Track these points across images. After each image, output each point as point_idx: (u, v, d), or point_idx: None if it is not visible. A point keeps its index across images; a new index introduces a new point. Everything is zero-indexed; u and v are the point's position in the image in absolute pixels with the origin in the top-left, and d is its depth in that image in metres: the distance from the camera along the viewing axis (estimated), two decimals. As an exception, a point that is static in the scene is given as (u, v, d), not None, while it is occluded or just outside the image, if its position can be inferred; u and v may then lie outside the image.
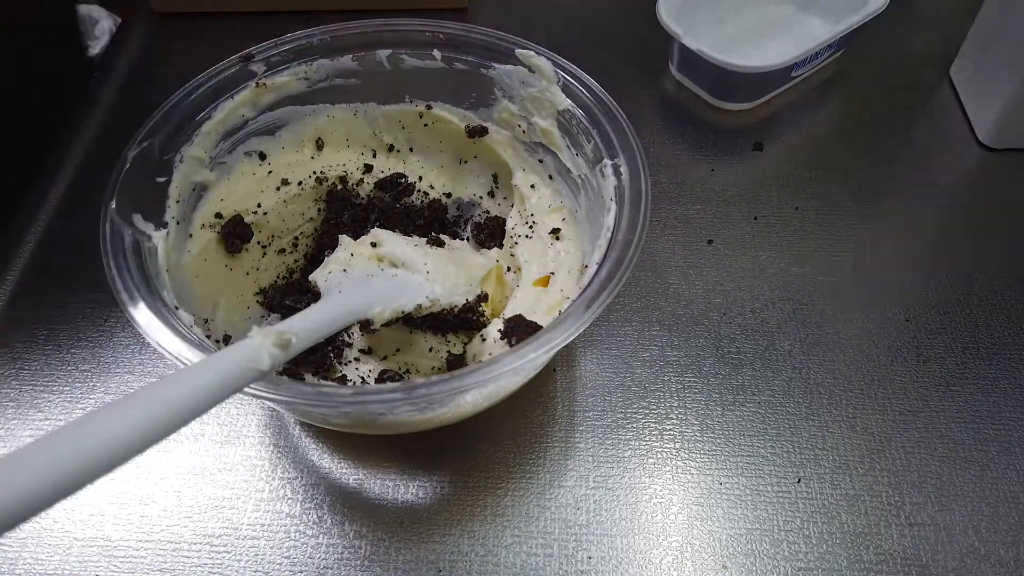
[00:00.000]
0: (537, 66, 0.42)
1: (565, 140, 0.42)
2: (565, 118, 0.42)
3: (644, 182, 0.37)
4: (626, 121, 0.40)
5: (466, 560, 0.38)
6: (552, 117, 0.42)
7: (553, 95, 0.42)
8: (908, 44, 0.62)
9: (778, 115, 0.58)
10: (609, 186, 0.38)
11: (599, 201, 0.40)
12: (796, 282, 0.48)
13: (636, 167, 0.38)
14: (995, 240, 0.50)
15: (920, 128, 0.57)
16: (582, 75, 0.41)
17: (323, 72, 0.43)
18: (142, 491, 0.40)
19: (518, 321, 0.38)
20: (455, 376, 0.30)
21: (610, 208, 0.38)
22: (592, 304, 0.32)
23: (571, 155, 0.42)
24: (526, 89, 0.43)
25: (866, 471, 0.40)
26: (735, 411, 0.43)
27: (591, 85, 0.41)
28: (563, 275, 0.41)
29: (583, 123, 0.41)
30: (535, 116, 0.43)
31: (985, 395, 0.43)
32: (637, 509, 0.39)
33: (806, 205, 0.52)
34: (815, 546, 0.38)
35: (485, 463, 0.41)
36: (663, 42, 0.61)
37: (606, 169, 0.39)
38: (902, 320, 0.46)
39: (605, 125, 0.40)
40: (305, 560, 0.38)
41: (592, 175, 0.41)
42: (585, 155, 0.41)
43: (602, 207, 0.39)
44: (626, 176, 0.38)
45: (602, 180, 0.39)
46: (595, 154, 0.40)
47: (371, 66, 0.44)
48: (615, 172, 0.38)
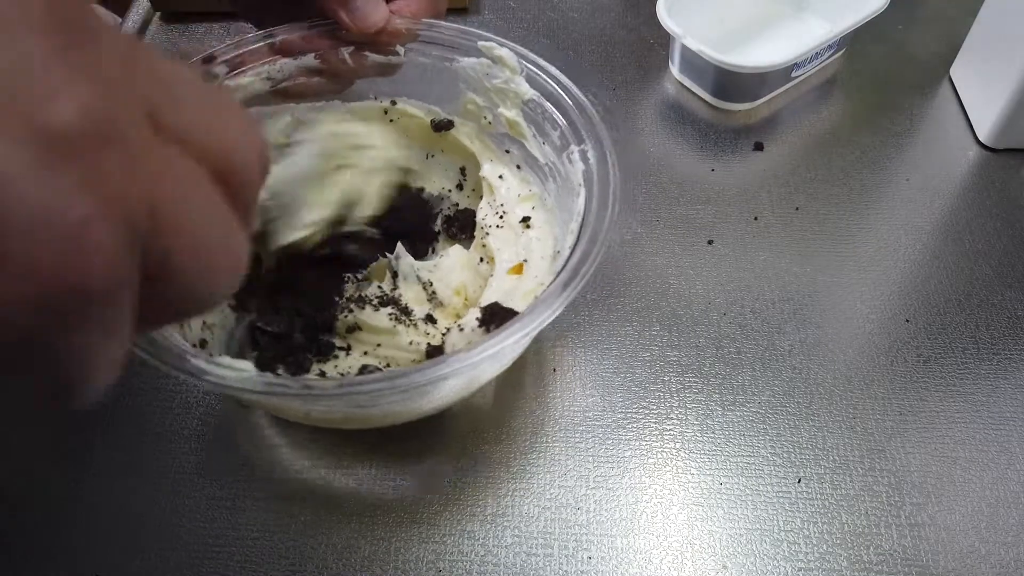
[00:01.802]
0: (500, 57, 0.41)
1: (531, 129, 0.42)
2: (530, 107, 0.42)
3: (611, 165, 0.37)
4: (591, 108, 0.40)
5: (466, 560, 0.38)
6: (517, 107, 0.42)
7: (518, 85, 0.41)
8: (908, 44, 0.62)
9: (778, 115, 0.58)
10: (577, 171, 0.39)
11: (568, 187, 0.40)
12: (796, 282, 0.48)
13: (602, 151, 0.38)
14: (995, 240, 0.50)
15: (920, 128, 0.57)
16: (546, 64, 0.41)
17: (286, 71, 0.42)
18: (141, 492, 0.40)
19: (495, 309, 0.38)
20: (436, 363, 0.30)
21: (579, 193, 0.38)
22: (567, 287, 0.33)
23: (538, 144, 0.43)
24: (490, 80, 0.42)
25: (866, 471, 0.40)
26: (735, 411, 0.43)
27: (555, 74, 0.41)
28: (536, 262, 0.41)
29: (548, 112, 0.41)
30: (500, 107, 0.43)
31: (985, 395, 0.43)
32: (637, 509, 0.39)
33: (806, 205, 0.52)
34: (815, 546, 0.38)
35: (485, 463, 0.41)
36: (663, 42, 0.61)
37: (573, 155, 0.39)
38: (902, 320, 0.46)
39: (571, 112, 0.40)
40: (304, 560, 0.38)
41: (560, 162, 0.41)
42: (552, 143, 0.41)
43: (571, 193, 0.39)
44: (593, 161, 0.38)
45: (570, 166, 0.40)
46: (562, 141, 0.40)
47: (334, 63, 0.43)
48: (582, 158, 0.39)
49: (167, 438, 0.42)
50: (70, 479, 0.41)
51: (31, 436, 0.43)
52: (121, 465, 0.41)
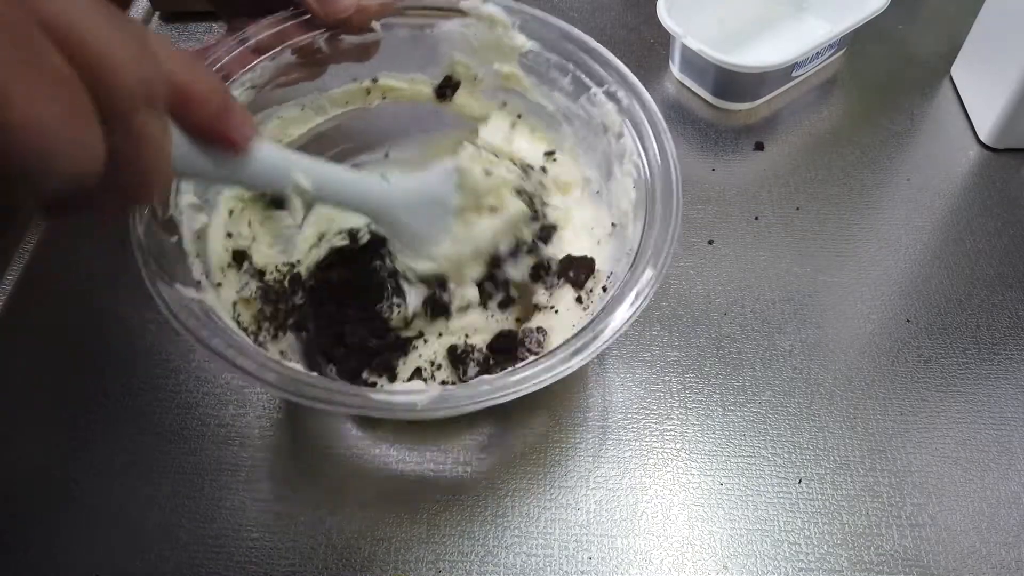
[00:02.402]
0: (488, 15, 0.41)
1: (533, 79, 0.42)
2: (529, 59, 0.41)
3: (648, 101, 0.38)
4: (600, 47, 0.40)
5: (466, 560, 0.38)
6: (514, 60, 0.42)
7: (511, 39, 0.41)
8: (909, 44, 0.62)
9: (779, 115, 0.58)
10: (609, 112, 0.39)
11: (592, 128, 0.40)
12: (797, 282, 0.48)
13: (633, 87, 0.38)
14: (996, 240, 0.50)
15: (921, 128, 0.56)
16: (535, 12, 0.41)
17: (266, 74, 0.40)
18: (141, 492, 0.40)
19: (571, 261, 0.39)
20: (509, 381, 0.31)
21: (622, 132, 0.38)
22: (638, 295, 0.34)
23: (543, 92, 0.42)
24: (479, 39, 0.42)
25: (867, 471, 0.40)
26: (736, 411, 0.43)
27: (548, 21, 0.40)
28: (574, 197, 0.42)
29: (553, 60, 0.40)
30: (495, 63, 0.42)
31: (986, 395, 0.43)
32: (638, 509, 0.39)
33: (807, 205, 0.52)
34: (816, 547, 0.38)
35: (485, 463, 0.41)
36: (664, 42, 0.61)
37: (596, 97, 0.39)
38: (903, 320, 0.46)
39: (582, 55, 0.40)
40: (304, 561, 0.38)
41: (576, 106, 0.41)
42: (563, 89, 0.41)
43: (600, 133, 0.39)
44: (625, 99, 0.38)
45: (593, 109, 0.39)
46: (576, 86, 0.40)
47: (310, 53, 0.40)
48: (610, 97, 0.39)
49: (167, 438, 0.42)
50: (70, 479, 0.41)
51: (31, 436, 0.43)
52: (121, 465, 0.41)
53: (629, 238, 0.37)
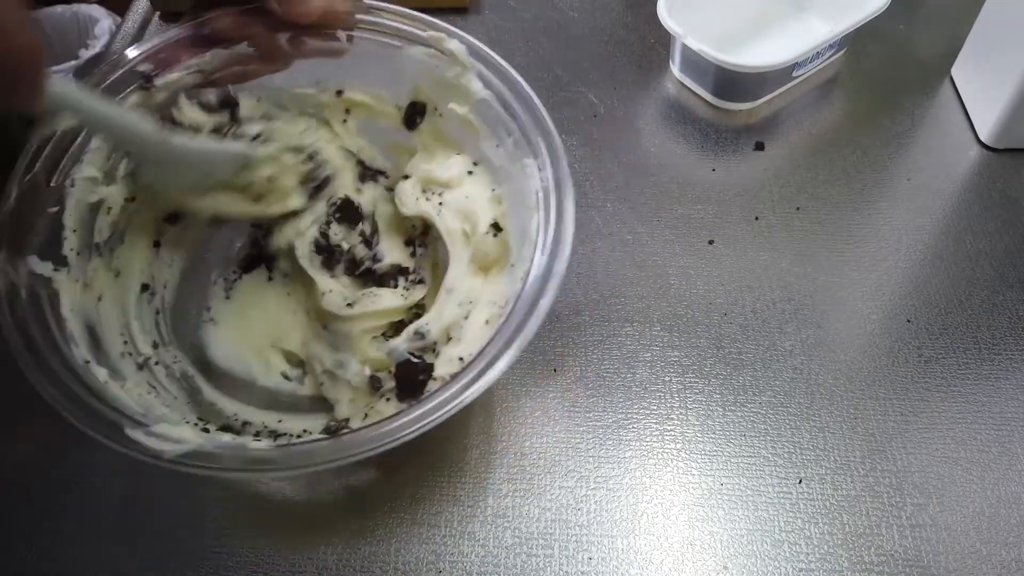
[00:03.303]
0: (450, 51, 0.39)
1: (485, 130, 0.40)
2: (483, 108, 0.39)
3: (565, 189, 0.35)
4: (547, 119, 0.37)
5: (466, 561, 0.38)
6: (470, 106, 0.40)
7: (469, 83, 0.39)
8: (909, 44, 0.62)
9: (779, 115, 0.58)
10: (531, 189, 0.36)
11: (521, 198, 0.38)
12: (797, 282, 0.48)
13: (560, 172, 0.35)
14: (996, 240, 0.50)
15: (921, 128, 0.56)
16: (499, 63, 0.39)
17: (216, 61, 0.39)
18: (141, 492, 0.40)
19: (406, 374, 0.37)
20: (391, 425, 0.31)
21: (532, 215, 0.36)
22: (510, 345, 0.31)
23: (492, 145, 0.40)
24: (441, 73, 0.40)
25: (867, 472, 0.40)
26: (736, 412, 0.43)
27: (508, 74, 0.38)
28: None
29: (502, 117, 0.38)
30: (452, 103, 0.41)
31: (987, 396, 0.43)
32: (638, 510, 0.39)
33: (807, 205, 0.52)
34: (816, 547, 0.38)
35: (485, 464, 0.41)
36: (664, 42, 0.61)
37: (529, 168, 0.37)
38: (903, 320, 0.46)
39: (523, 119, 0.37)
40: (304, 561, 0.38)
41: (513, 168, 0.38)
42: (507, 148, 0.39)
43: (525, 206, 0.37)
44: (550, 179, 0.35)
45: (524, 178, 0.37)
46: (517, 149, 0.38)
47: (270, 48, 0.39)
48: (537, 173, 0.36)
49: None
50: (70, 479, 0.41)
51: (31, 436, 0.43)
52: (121, 465, 0.41)
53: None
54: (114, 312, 0.38)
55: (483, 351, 0.32)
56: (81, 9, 1.21)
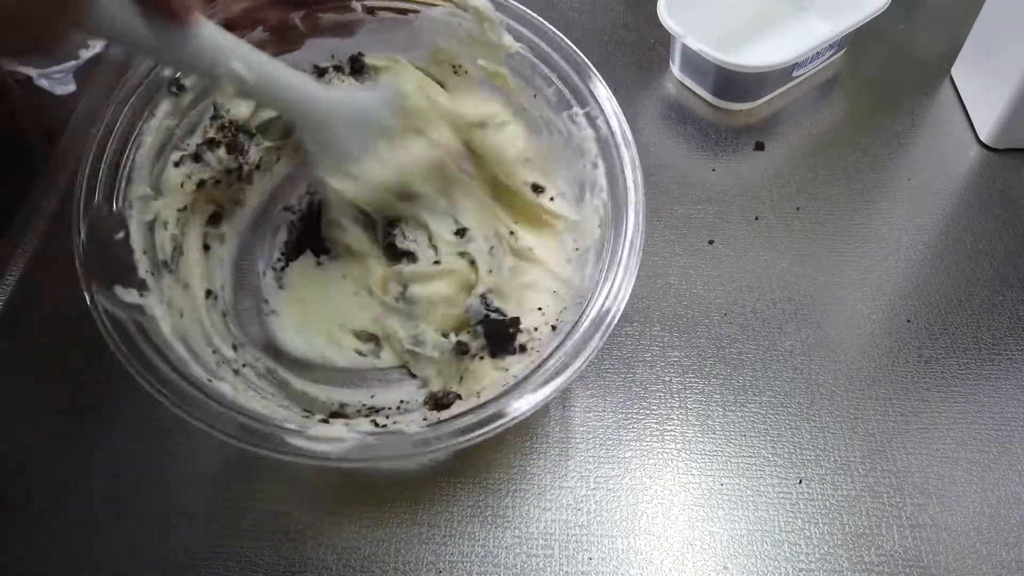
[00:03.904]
0: (474, 8, 0.39)
1: (519, 81, 0.40)
2: (517, 60, 0.39)
3: (624, 136, 0.36)
4: (590, 66, 0.38)
5: (466, 561, 0.38)
6: (501, 60, 0.40)
7: (499, 37, 0.39)
8: (909, 44, 0.62)
9: (779, 115, 0.58)
10: (587, 138, 0.37)
11: (572, 147, 0.38)
12: (797, 282, 0.48)
13: (616, 121, 0.36)
14: (996, 240, 0.50)
15: (922, 128, 0.56)
16: (529, 14, 0.39)
17: None
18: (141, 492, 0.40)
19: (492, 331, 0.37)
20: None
21: (597, 164, 0.36)
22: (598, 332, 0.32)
23: (529, 97, 0.40)
24: (464, 32, 0.40)
25: (867, 472, 0.40)
26: (736, 412, 0.43)
27: (541, 25, 0.38)
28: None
29: (539, 68, 0.38)
30: (480, 59, 0.40)
31: (987, 396, 0.43)
32: (638, 510, 0.39)
33: (807, 205, 0.52)
34: (816, 547, 0.38)
35: (486, 464, 0.41)
36: (664, 42, 0.61)
37: (577, 118, 0.37)
38: (903, 320, 0.46)
39: (566, 69, 0.38)
40: (304, 561, 0.38)
41: (558, 119, 0.39)
42: (546, 99, 0.39)
43: (579, 154, 0.37)
44: (603, 128, 0.36)
45: (574, 128, 0.37)
46: (559, 99, 0.38)
47: (284, 31, 0.39)
48: (590, 123, 0.37)
49: (166, 439, 0.42)
50: (70, 479, 0.41)
51: (31, 436, 0.43)
52: (121, 465, 0.41)
53: (586, 275, 0.37)
54: (195, 325, 0.38)
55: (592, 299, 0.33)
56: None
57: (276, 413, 0.34)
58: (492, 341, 0.38)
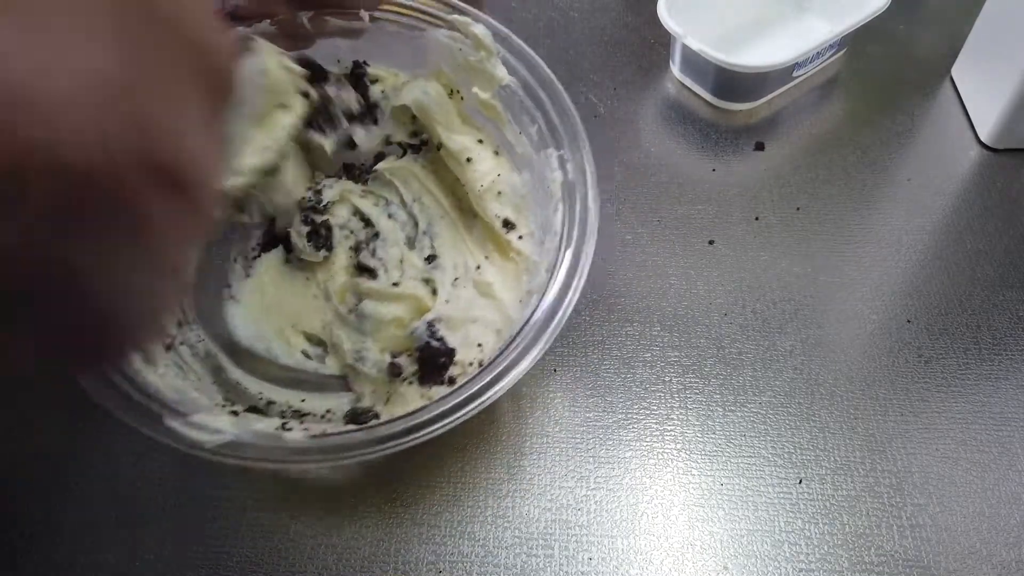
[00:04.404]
0: (475, 36, 0.39)
1: (508, 115, 0.40)
2: (507, 93, 0.39)
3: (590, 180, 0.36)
4: (571, 108, 0.38)
5: (466, 561, 0.38)
6: (492, 91, 0.40)
7: (494, 68, 0.39)
8: (910, 44, 0.62)
9: (780, 115, 0.58)
10: (556, 179, 0.37)
11: (543, 188, 0.38)
12: (797, 282, 0.48)
13: (581, 163, 0.36)
14: (997, 240, 0.50)
15: (922, 128, 0.56)
16: (525, 49, 0.39)
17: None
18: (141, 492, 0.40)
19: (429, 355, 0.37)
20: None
21: (557, 208, 0.36)
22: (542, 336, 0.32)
23: (514, 132, 0.40)
24: (464, 57, 0.40)
25: (867, 472, 0.40)
26: (736, 412, 0.43)
27: (534, 62, 0.39)
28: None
29: (526, 104, 0.38)
30: (475, 87, 0.41)
31: (987, 396, 0.43)
32: (638, 510, 0.39)
33: (807, 205, 0.52)
34: (816, 547, 0.38)
35: (486, 463, 0.41)
36: (664, 42, 0.61)
37: (551, 159, 0.37)
38: (904, 320, 0.46)
39: (548, 109, 0.38)
40: (304, 561, 0.38)
41: (537, 158, 0.39)
42: (529, 136, 0.39)
43: (548, 196, 0.38)
44: (572, 173, 0.36)
45: (547, 170, 0.38)
46: (540, 138, 0.38)
47: (291, 28, 0.39)
48: (560, 165, 0.37)
49: (167, 438, 0.42)
50: (70, 479, 0.41)
51: (31, 436, 0.43)
52: (120, 465, 0.41)
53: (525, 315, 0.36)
54: None
55: (514, 340, 0.33)
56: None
57: (178, 394, 0.33)
58: (423, 368, 0.38)
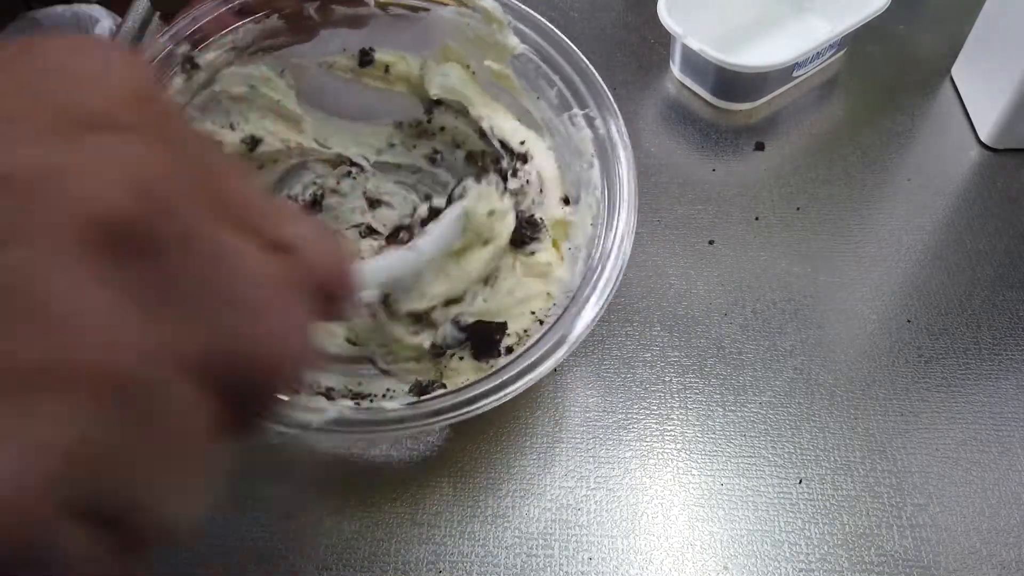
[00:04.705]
0: (483, 8, 0.39)
1: (523, 83, 0.41)
2: (521, 62, 0.40)
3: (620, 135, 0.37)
4: (592, 69, 0.39)
5: (466, 561, 0.38)
6: (505, 61, 0.41)
7: (505, 38, 0.40)
8: (910, 44, 0.62)
9: (780, 115, 0.58)
10: (585, 138, 0.38)
11: (571, 147, 0.39)
12: (797, 282, 0.48)
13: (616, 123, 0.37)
14: (997, 240, 0.50)
15: (922, 128, 0.56)
16: (536, 17, 0.40)
17: (249, 37, 0.39)
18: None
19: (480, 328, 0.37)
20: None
21: (592, 163, 0.37)
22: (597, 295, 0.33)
23: (532, 99, 0.41)
24: (473, 31, 0.41)
25: (867, 472, 0.40)
26: (736, 412, 0.43)
27: (546, 28, 0.39)
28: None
29: (543, 70, 0.39)
30: (487, 59, 0.41)
31: (987, 396, 0.43)
32: (638, 510, 0.39)
33: (807, 205, 0.52)
34: (816, 547, 0.38)
35: (486, 463, 0.41)
36: (664, 41, 0.61)
37: (577, 119, 0.38)
38: (904, 320, 0.46)
39: (569, 72, 0.39)
40: (304, 561, 0.38)
41: (559, 121, 0.40)
42: (549, 101, 0.40)
43: (578, 156, 0.39)
44: (603, 130, 0.37)
45: (573, 129, 0.39)
46: (560, 101, 0.39)
47: (298, 20, 0.40)
48: (589, 124, 0.38)
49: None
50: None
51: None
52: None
53: (576, 272, 0.37)
54: None
55: (573, 300, 0.34)
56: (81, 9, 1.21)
57: None
58: (476, 345, 0.38)
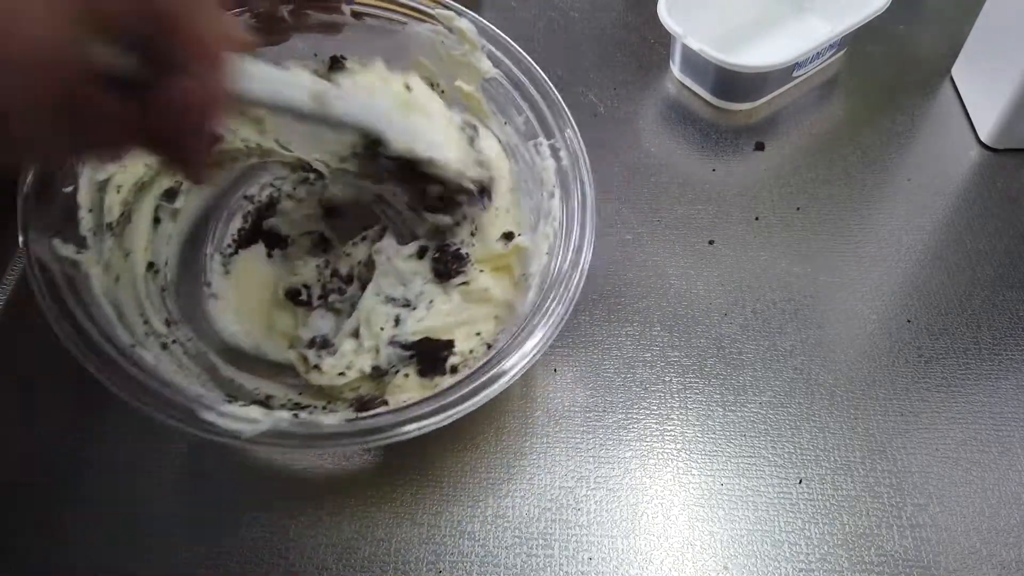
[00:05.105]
0: (459, 29, 0.39)
1: (492, 107, 0.41)
2: (492, 86, 0.40)
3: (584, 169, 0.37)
4: (559, 100, 0.39)
5: (467, 561, 0.38)
6: (476, 84, 0.41)
7: (478, 61, 0.40)
8: (910, 44, 0.62)
9: (780, 115, 0.58)
10: (548, 167, 0.38)
11: (533, 175, 0.39)
12: (797, 282, 0.48)
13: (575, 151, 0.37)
14: (997, 240, 0.50)
15: (922, 128, 0.56)
16: (509, 43, 0.40)
17: None
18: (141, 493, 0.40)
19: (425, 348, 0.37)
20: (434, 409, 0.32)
21: (553, 193, 0.37)
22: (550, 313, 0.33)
23: (499, 123, 0.41)
24: (447, 51, 0.41)
25: (867, 472, 0.40)
26: (736, 412, 0.43)
27: (519, 55, 0.39)
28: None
29: (511, 95, 0.39)
30: (458, 80, 0.41)
31: (987, 396, 0.43)
32: (638, 510, 0.39)
33: (807, 205, 0.52)
34: (816, 547, 0.38)
35: (486, 464, 0.41)
36: (664, 42, 0.61)
37: (541, 148, 0.38)
38: (904, 320, 0.46)
39: (537, 101, 0.39)
40: (304, 561, 0.38)
41: (524, 148, 0.40)
42: (516, 127, 0.40)
43: (539, 184, 0.39)
44: (566, 161, 0.37)
45: (537, 158, 0.39)
46: (527, 128, 0.39)
47: (271, 22, 0.40)
48: (553, 154, 0.38)
49: (167, 439, 0.42)
50: (70, 480, 0.41)
51: (31, 437, 0.43)
52: (121, 465, 0.41)
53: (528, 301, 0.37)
54: (130, 292, 0.38)
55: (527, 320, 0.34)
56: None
57: (196, 390, 0.33)
58: (421, 362, 0.38)
